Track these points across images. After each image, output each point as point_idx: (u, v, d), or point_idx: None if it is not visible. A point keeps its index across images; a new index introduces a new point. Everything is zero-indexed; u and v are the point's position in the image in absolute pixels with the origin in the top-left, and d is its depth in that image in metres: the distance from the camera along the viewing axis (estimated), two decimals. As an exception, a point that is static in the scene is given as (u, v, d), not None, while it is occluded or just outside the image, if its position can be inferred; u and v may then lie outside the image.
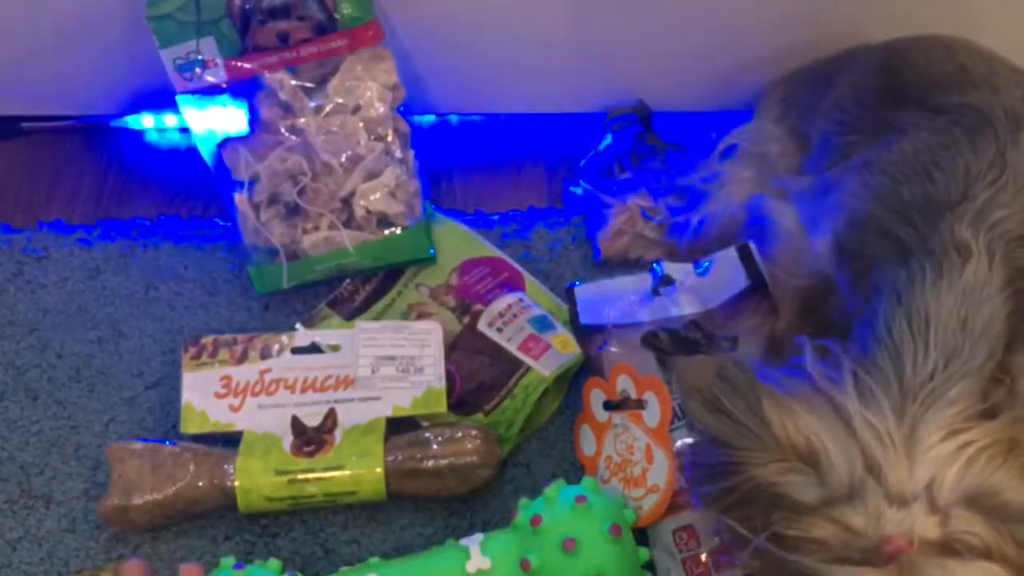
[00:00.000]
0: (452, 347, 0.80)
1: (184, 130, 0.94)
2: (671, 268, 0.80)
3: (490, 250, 0.86)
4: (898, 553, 0.50)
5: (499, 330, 0.80)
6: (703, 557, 0.68)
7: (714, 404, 0.56)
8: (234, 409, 0.77)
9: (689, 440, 0.69)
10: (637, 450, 0.72)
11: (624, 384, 0.74)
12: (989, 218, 0.61)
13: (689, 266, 0.80)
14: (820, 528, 0.52)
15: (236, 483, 0.72)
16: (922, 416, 0.54)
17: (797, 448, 0.54)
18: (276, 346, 0.79)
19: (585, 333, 0.80)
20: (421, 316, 0.82)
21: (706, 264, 0.79)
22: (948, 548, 0.51)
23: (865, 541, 0.51)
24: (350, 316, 0.83)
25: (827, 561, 0.52)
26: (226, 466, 0.73)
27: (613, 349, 0.77)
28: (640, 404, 0.73)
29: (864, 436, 0.53)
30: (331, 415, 0.76)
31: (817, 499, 0.53)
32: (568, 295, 0.82)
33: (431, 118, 0.97)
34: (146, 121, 0.96)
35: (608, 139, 0.92)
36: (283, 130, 0.82)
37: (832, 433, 0.54)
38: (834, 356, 0.58)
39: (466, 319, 0.82)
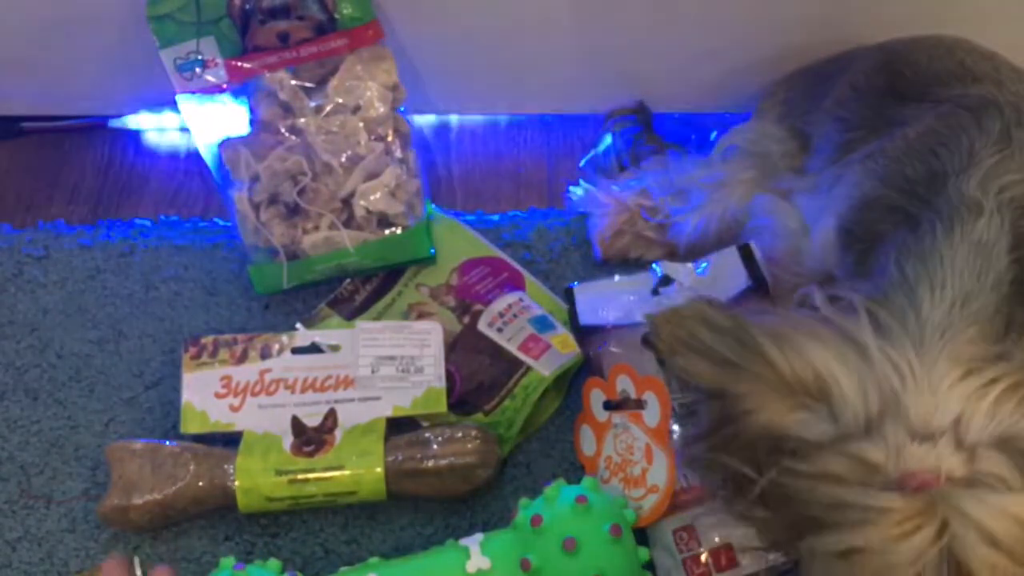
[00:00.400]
0: (452, 347, 0.80)
1: (184, 130, 0.94)
2: (671, 268, 0.80)
3: (490, 250, 0.86)
4: (923, 487, 0.48)
5: (499, 330, 0.80)
6: (703, 557, 0.68)
7: (702, 351, 0.52)
8: (234, 409, 0.77)
9: (678, 400, 0.67)
10: (637, 450, 0.72)
11: (624, 384, 0.74)
12: (997, 181, 0.59)
13: (689, 266, 0.80)
14: (834, 463, 0.49)
15: (236, 483, 0.72)
16: (943, 350, 0.51)
17: (804, 382, 0.50)
18: (276, 346, 0.79)
19: (584, 333, 0.80)
20: (421, 316, 0.82)
21: (705, 264, 0.79)
22: (973, 487, 0.48)
23: (885, 476, 0.48)
24: (350, 316, 0.83)
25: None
26: (226, 466, 0.73)
27: (613, 349, 0.77)
28: (640, 404, 0.73)
29: (881, 368, 0.50)
30: (331, 415, 0.76)
31: (829, 436, 0.49)
32: (567, 295, 0.82)
33: (431, 118, 0.97)
34: (146, 121, 0.96)
35: (608, 139, 0.92)
36: (283, 130, 0.81)
37: (844, 365, 0.50)
38: (845, 301, 0.55)
39: (466, 319, 0.82)
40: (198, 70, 0.81)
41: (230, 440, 0.75)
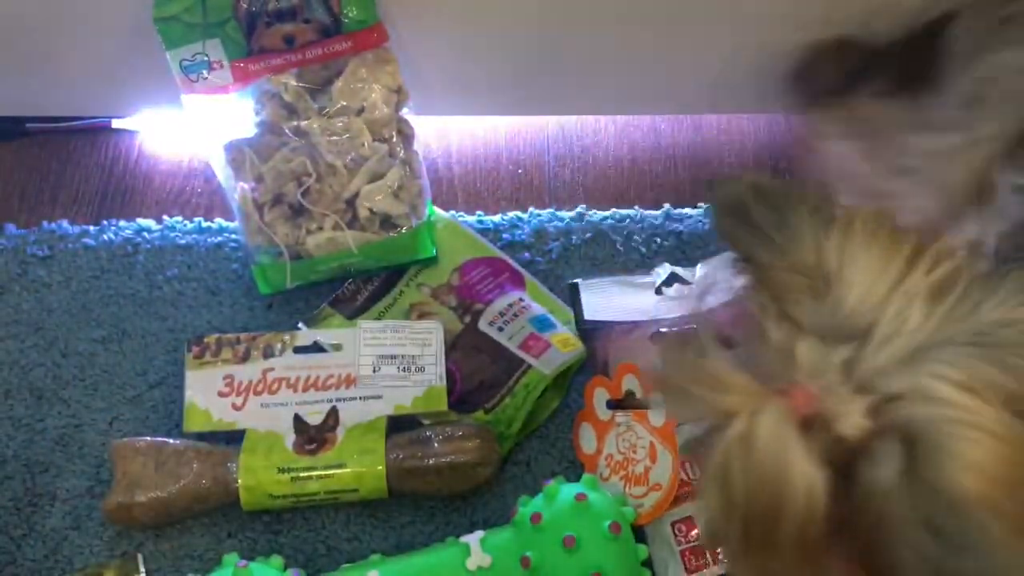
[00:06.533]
0: (453, 346, 0.80)
1: (188, 131, 0.95)
2: (676, 267, 0.80)
3: (491, 250, 0.87)
4: (790, 400, 0.45)
5: (500, 329, 0.81)
6: (701, 549, 0.68)
7: (744, 217, 0.51)
8: (237, 408, 0.77)
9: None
10: (640, 449, 0.72)
11: (630, 383, 0.74)
12: None
13: (696, 266, 0.80)
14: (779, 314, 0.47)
15: (239, 481, 0.73)
16: None
17: (822, 269, 0.48)
18: (279, 345, 0.79)
19: (588, 329, 0.80)
20: (422, 315, 0.83)
21: (712, 261, 0.79)
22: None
23: (781, 370, 0.46)
24: (352, 315, 0.83)
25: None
26: (229, 464, 0.74)
27: (619, 348, 0.77)
28: (645, 403, 0.73)
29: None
30: (333, 413, 0.76)
31: (808, 321, 0.47)
32: (571, 290, 0.82)
33: (433, 119, 0.97)
34: (150, 122, 0.96)
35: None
36: (287, 131, 0.82)
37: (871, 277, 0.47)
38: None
39: (467, 318, 0.82)
40: (203, 72, 0.81)
41: (232, 438, 0.76)
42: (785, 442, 0.44)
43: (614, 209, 0.91)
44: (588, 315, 0.80)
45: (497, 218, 0.90)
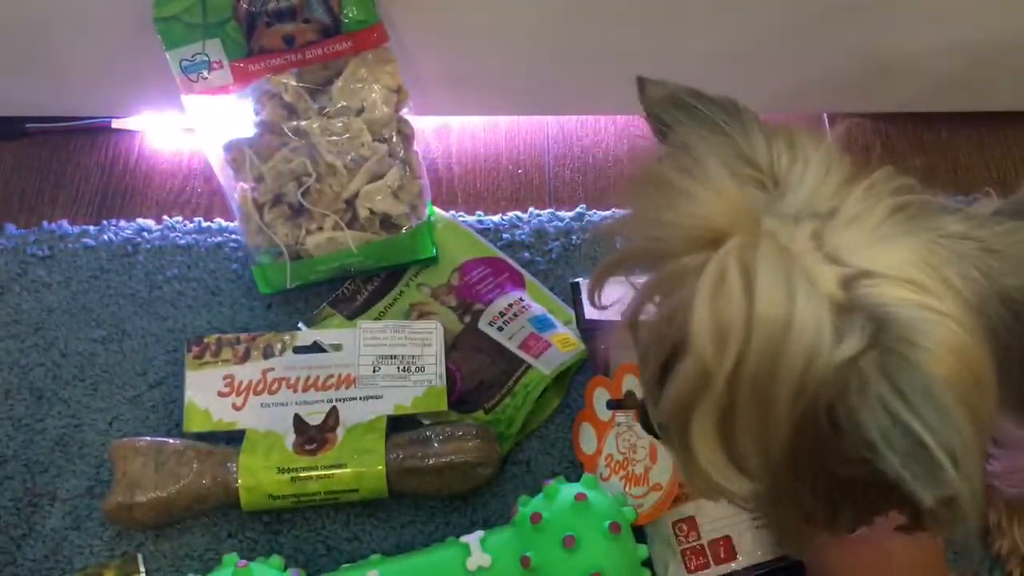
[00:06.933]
0: (453, 346, 0.81)
1: (189, 131, 0.95)
2: None
3: (490, 250, 0.87)
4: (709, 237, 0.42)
5: (500, 329, 0.81)
6: (702, 549, 0.68)
7: (684, 107, 0.48)
8: (237, 408, 0.77)
9: None
10: (640, 448, 0.72)
11: (630, 384, 0.74)
12: None
13: None
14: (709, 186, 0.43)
15: (239, 481, 0.73)
16: None
17: (770, 164, 0.45)
18: (278, 345, 0.79)
19: (589, 328, 0.80)
20: (422, 315, 0.83)
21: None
22: None
23: (715, 225, 0.42)
24: (352, 315, 0.83)
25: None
26: (229, 464, 0.74)
27: (620, 348, 0.77)
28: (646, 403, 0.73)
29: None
30: (333, 413, 0.76)
31: (765, 204, 0.44)
32: (572, 289, 0.82)
33: (433, 119, 0.97)
34: (150, 122, 0.96)
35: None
36: (287, 131, 0.82)
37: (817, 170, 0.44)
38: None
39: (467, 318, 0.82)
40: (203, 72, 0.81)
41: (232, 438, 0.76)
42: (794, 270, 0.39)
43: (614, 209, 0.91)
44: (588, 315, 0.80)
45: (497, 218, 0.90)
